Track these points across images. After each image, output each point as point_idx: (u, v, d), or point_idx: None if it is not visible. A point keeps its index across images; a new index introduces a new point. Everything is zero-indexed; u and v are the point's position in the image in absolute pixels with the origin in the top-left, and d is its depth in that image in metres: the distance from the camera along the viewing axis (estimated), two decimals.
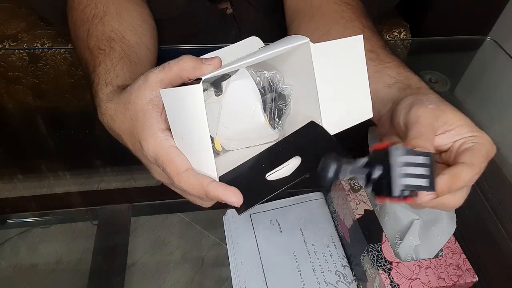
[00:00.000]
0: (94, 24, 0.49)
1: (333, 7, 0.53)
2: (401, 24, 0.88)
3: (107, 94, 0.42)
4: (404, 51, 0.86)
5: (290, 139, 0.38)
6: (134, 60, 0.47)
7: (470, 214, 0.56)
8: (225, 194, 0.33)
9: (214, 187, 0.33)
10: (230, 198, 0.33)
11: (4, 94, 0.78)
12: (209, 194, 0.33)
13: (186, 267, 0.53)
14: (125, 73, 0.44)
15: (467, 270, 0.44)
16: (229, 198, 0.33)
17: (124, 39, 0.48)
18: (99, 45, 0.47)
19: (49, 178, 0.62)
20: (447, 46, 0.86)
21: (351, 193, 0.50)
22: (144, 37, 0.51)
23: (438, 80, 0.76)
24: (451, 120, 0.37)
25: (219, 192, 0.33)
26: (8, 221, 0.57)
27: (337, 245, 0.52)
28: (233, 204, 0.33)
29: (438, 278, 0.43)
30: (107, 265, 0.53)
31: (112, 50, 0.46)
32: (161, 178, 0.39)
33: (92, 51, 0.47)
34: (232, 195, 0.33)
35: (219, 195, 0.33)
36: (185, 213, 0.56)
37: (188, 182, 0.34)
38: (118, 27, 0.49)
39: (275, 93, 0.40)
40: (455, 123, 0.37)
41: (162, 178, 0.39)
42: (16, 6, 0.82)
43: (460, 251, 0.46)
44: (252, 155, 0.38)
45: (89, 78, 0.46)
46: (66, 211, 0.58)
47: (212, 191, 0.33)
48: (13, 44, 0.76)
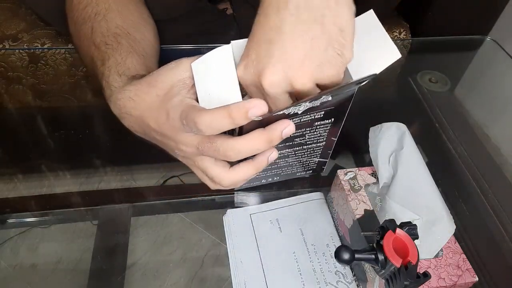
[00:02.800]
0: (97, 21, 0.49)
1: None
2: (401, 24, 0.88)
3: (123, 82, 0.42)
4: (404, 51, 0.86)
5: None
6: (142, 54, 0.47)
7: (470, 214, 0.56)
8: (250, 104, 0.32)
9: (237, 104, 0.32)
10: (255, 104, 0.32)
11: (4, 94, 0.78)
12: (233, 112, 0.32)
13: (186, 267, 0.53)
14: (136, 65, 0.44)
15: (467, 270, 0.44)
16: (254, 104, 0.32)
17: (129, 35, 0.48)
18: (106, 41, 0.47)
19: (49, 178, 0.62)
20: (447, 46, 0.86)
21: (351, 193, 0.50)
22: (147, 34, 0.52)
23: (438, 80, 0.76)
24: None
25: (242, 105, 0.32)
26: (8, 221, 0.57)
27: (337, 245, 0.52)
28: (260, 110, 0.32)
29: (438, 278, 0.43)
30: (107, 265, 0.53)
31: (119, 45, 0.46)
32: (186, 146, 0.38)
33: (99, 47, 0.47)
34: (257, 102, 0.32)
35: (244, 106, 0.32)
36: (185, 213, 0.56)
37: (209, 112, 0.33)
38: (122, 24, 0.49)
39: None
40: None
41: (187, 146, 0.38)
42: (16, 6, 0.82)
43: (460, 251, 0.46)
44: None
45: (97, 72, 0.46)
46: (66, 211, 0.58)
47: (235, 107, 0.32)
48: (13, 44, 0.76)
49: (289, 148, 0.44)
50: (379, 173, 0.51)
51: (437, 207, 0.47)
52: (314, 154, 0.48)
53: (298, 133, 0.42)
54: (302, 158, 0.48)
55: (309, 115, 0.39)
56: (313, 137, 0.44)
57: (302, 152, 0.46)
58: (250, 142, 0.35)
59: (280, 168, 0.49)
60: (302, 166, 0.51)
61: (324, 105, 0.38)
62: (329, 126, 0.42)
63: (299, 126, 0.40)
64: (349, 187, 0.51)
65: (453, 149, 0.64)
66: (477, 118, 0.68)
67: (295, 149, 0.45)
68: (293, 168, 0.50)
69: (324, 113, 0.40)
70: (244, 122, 0.33)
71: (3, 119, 0.70)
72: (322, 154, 0.49)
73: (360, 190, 0.51)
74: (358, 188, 0.51)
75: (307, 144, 0.45)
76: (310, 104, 0.36)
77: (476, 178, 0.59)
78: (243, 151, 0.36)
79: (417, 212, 0.46)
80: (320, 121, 0.41)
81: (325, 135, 0.44)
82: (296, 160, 0.48)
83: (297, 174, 0.52)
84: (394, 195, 0.48)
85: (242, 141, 0.35)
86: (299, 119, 0.39)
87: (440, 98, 0.73)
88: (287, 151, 0.45)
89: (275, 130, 0.35)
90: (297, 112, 0.37)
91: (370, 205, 0.49)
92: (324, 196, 0.57)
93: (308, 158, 0.48)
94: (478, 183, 0.58)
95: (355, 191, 0.50)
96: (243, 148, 0.35)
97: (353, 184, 0.51)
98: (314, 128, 0.42)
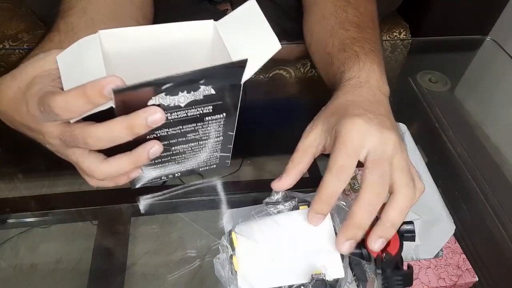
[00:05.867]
0: (57, 18, 0.49)
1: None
2: (401, 24, 0.88)
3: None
4: (404, 51, 0.86)
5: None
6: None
7: (470, 214, 0.56)
8: (105, 80, 0.31)
9: (92, 82, 0.31)
10: (110, 80, 0.31)
11: None
12: (88, 90, 0.31)
13: (186, 267, 0.53)
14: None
15: (467, 270, 0.44)
16: (109, 80, 0.31)
17: (71, 31, 0.48)
18: (45, 35, 0.47)
19: (49, 178, 0.62)
20: (447, 46, 0.86)
21: (351, 193, 0.50)
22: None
23: (438, 80, 0.76)
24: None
25: (98, 82, 0.31)
26: (8, 221, 0.57)
27: None
28: (114, 85, 0.31)
29: (438, 278, 0.43)
30: (107, 265, 0.53)
31: (47, 40, 0.46)
32: (51, 138, 0.37)
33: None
34: (113, 78, 0.31)
35: (99, 83, 0.31)
36: (185, 213, 0.56)
37: (63, 93, 0.32)
38: (74, 21, 0.48)
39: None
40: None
41: (52, 138, 0.37)
42: (16, 6, 0.82)
43: (460, 251, 0.46)
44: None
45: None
46: (66, 211, 0.58)
47: (89, 84, 0.31)
48: (13, 44, 0.76)
49: (184, 144, 0.45)
50: None
51: (437, 207, 0.47)
52: (214, 149, 0.49)
53: (189, 128, 0.42)
54: (202, 154, 0.49)
55: (195, 109, 0.39)
56: (207, 132, 0.44)
57: (199, 147, 0.47)
58: (108, 127, 0.33)
59: (179, 164, 0.49)
60: (204, 162, 0.51)
61: (208, 98, 0.38)
62: (222, 121, 0.43)
63: (187, 121, 0.40)
64: (349, 187, 0.51)
65: (453, 149, 0.64)
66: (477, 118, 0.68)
67: (190, 144, 0.45)
68: (193, 164, 0.51)
69: (213, 108, 0.40)
70: (101, 101, 0.32)
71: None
72: (223, 149, 0.50)
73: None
74: (358, 188, 0.51)
75: (203, 139, 0.45)
76: (191, 96, 0.36)
77: (476, 178, 0.59)
78: (103, 138, 0.34)
79: (417, 212, 0.46)
80: (211, 116, 0.41)
81: (220, 130, 0.45)
82: (195, 155, 0.49)
83: (200, 169, 0.53)
84: None
85: (101, 127, 0.34)
86: (185, 113, 0.39)
87: (440, 98, 0.73)
88: (182, 147, 0.45)
89: (137, 115, 0.33)
90: (179, 105, 0.37)
91: None
92: None
93: (209, 153, 0.49)
94: (478, 183, 0.58)
95: (355, 191, 0.50)
96: (102, 134, 0.34)
97: (353, 184, 0.51)
98: (206, 122, 0.42)
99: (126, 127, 0.33)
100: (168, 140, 0.42)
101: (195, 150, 0.47)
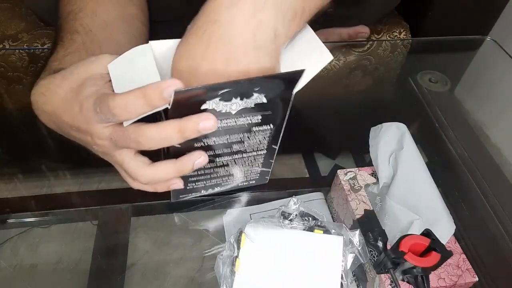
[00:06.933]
0: (67, 20, 0.49)
1: None
2: (401, 24, 0.88)
3: (42, 78, 0.40)
4: (404, 51, 0.86)
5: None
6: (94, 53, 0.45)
7: (470, 214, 0.56)
8: (165, 83, 0.31)
9: (151, 84, 0.32)
10: (170, 83, 0.31)
11: (4, 94, 0.78)
12: (148, 92, 0.31)
13: (186, 267, 0.52)
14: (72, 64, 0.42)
15: (467, 270, 0.44)
16: (169, 83, 0.31)
17: (90, 32, 0.47)
18: (62, 36, 0.46)
19: (49, 178, 0.62)
20: (447, 46, 0.86)
21: (351, 193, 0.50)
22: (117, 35, 0.50)
23: (438, 80, 0.76)
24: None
25: (158, 84, 0.31)
26: (8, 221, 0.57)
27: None
28: (175, 88, 0.31)
29: (438, 278, 0.43)
30: (107, 265, 0.53)
31: (71, 41, 0.45)
32: (101, 139, 0.37)
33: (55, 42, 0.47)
34: (172, 81, 0.31)
35: (159, 85, 0.31)
36: (185, 213, 0.56)
37: (123, 94, 0.32)
38: (89, 22, 0.48)
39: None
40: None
41: (101, 139, 0.37)
42: (16, 6, 0.82)
43: (460, 251, 0.46)
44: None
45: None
46: (66, 211, 0.58)
47: (150, 86, 0.31)
48: (13, 44, 0.76)
49: (228, 156, 0.43)
50: (379, 173, 0.51)
51: (437, 207, 0.47)
52: (255, 163, 0.47)
53: (236, 139, 0.41)
54: (243, 167, 0.47)
55: (244, 118, 0.38)
56: (252, 144, 0.43)
57: (242, 160, 0.45)
58: (161, 127, 0.34)
59: (220, 178, 0.48)
60: (244, 176, 0.50)
61: (259, 107, 0.38)
62: (268, 132, 0.42)
63: (235, 130, 0.40)
64: (349, 187, 0.51)
65: (453, 149, 0.64)
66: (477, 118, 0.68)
67: (234, 157, 0.44)
68: (234, 178, 0.49)
69: (262, 118, 0.39)
70: (160, 103, 0.32)
71: (3, 119, 0.70)
72: (264, 164, 0.48)
73: (360, 190, 0.51)
74: (358, 188, 0.51)
75: (247, 152, 0.44)
76: (243, 103, 0.36)
77: (476, 178, 0.59)
78: (155, 137, 0.34)
79: (417, 212, 0.46)
80: (258, 127, 0.40)
81: (265, 143, 0.44)
82: (237, 169, 0.47)
83: (239, 184, 0.52)
84: (394, 195, 0.48)
85: (154, 127, 0.34)
86: (234, 121, 0.38)
87: (440, 98, 0.73)
88: (226, 159, 0.44)
89: (190, 119, 0.34)
90: (230, 112, 0.37)
91: (370, 205, 0.49)
92: (324, 196, 0.57)
93: (249, 167, 0.48)
94: (478, 183, 0.58)
95: (355, 191, 0.50)
96: (154, 134, 0.34)
97: (353, 184, 0.51)
98: (253, 134, 0.41)
99: (178, 129, 0.34)
100: (213, 150, 0.41)
101: (238, 163, 0.46)
